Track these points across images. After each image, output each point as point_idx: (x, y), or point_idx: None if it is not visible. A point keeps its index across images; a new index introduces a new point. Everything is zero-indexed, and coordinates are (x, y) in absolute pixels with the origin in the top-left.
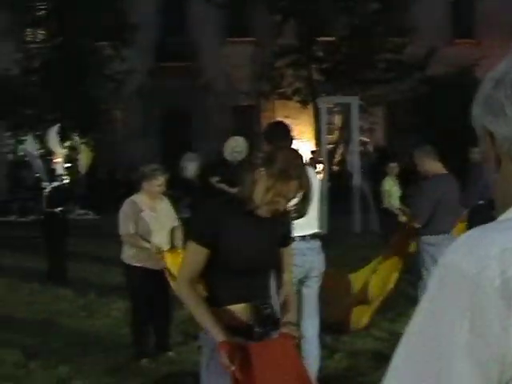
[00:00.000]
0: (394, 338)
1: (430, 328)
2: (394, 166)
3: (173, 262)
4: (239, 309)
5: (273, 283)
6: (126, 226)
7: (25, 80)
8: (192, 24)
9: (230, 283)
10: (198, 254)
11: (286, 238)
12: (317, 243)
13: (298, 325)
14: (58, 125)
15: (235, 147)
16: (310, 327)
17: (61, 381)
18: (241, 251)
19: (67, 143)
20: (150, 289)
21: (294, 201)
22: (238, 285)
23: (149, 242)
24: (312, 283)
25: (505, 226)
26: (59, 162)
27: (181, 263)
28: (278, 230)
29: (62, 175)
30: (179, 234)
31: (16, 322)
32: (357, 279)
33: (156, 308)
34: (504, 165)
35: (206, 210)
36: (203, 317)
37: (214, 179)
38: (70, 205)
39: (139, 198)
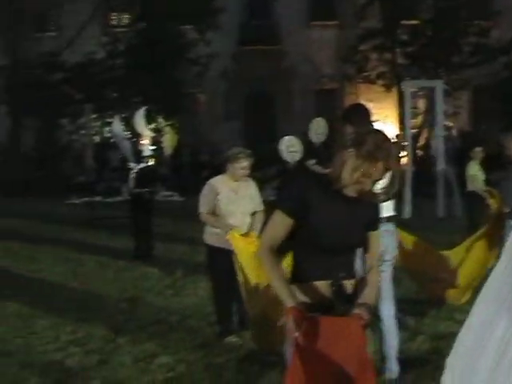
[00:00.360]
0: None
1: None
2: (479, 151)
3: (242, 247)
4: (322, 285)
5: (359, 262)
6: (203, 206)
7: (110, 63)
8: (276, 7)
9: (316, 260)
10: (281, 222)
11: (375, 221)
12: (392, 226)
13: (374, 307)
14: (145, 107)
15: (317, 129)
16: (386, 310)
17: (148, 356)
18: (328, 228)
19: (152, 126)
20: (230, 269)
21: (382, 183)
22: (324, 261)
23: (224, 223)
24: (385, 267)
25: None
26: (146, 144)
27: (263, 231)
28: (366, 211)
29: (148, 157)
30: (260, 219)
31: (104, 299)
32: (451, 257)
33: (234, 286)
34: None
35: (295, 184)
36: (277, 282)
37: (310, 162)
38: (157, 186)
39: (221, 180)
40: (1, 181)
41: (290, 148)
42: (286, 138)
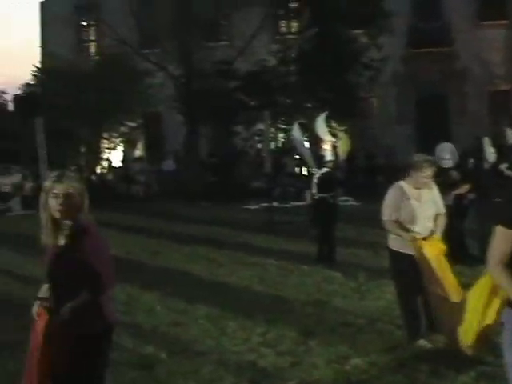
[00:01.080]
0: None
1: None
2: None
3: (425, 252)
4: None
5: None
6: (387, 212)
7: (283, 70)
8: (445, 9)
9: None
10: (506, 237)
11: None
12: None
13: None
14: (325, 113)
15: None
16: None
17: (340, 358)
18: None
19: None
20: (415, 273)
21: None
22: None
23: (407, 230)
24: None
25: None
26: (327, 149)
27: (490, 247)
28: None
29: (330, 161)
30: (441, 222)
31: (291, 302)
32: None
33: (420, 291)
34: None
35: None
36: None
37: (504, 166)
38: (338, 191)
39: (406, 185)
40: (180, 188)
41: (441, 154)
42: (442, 144)
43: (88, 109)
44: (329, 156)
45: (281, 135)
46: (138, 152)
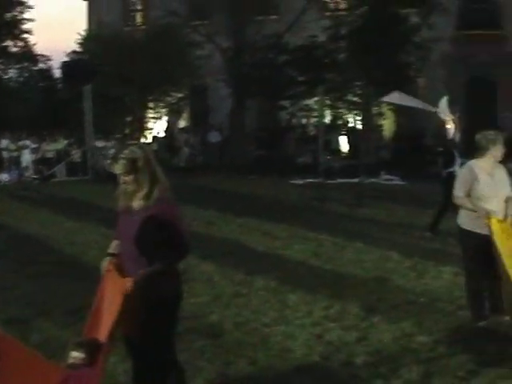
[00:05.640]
0: None
1: None
2: None
3: (499, 233)
4: None
5: None
6: (458, 189)
7: (333, 47)
8: None
9: None
10: None
11: None
12: None
13: None
14: (447, 97)
15: None
16: None
17: (406, 335)
18: None
19: (374, 109)
20: (485, 253)
21: None
22: None
23: (479, 207)
24: None
25: None
26: (450, 128)
27: None
28: None
29: (452, 140)
30: None
31: (350, 278)
32: None
33: (488, 272)
34: None
35: None
36: None
37: None
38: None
39: (478, 164)
40: (225, 160)
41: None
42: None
43: (135, 78)
44: (451, 134)
45: (328, 111)
46: (184, 123)
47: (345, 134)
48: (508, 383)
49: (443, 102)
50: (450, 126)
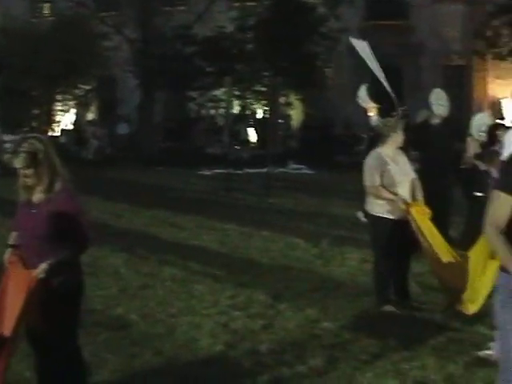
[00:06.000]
0: None
1: None
2: None
3: (417, 216)
4: None
5: None
6: (372, 178)
7: (241, 37)
8: None
9: None
10: (504, 203)
11: None
12: None
13: None
14: (367, 85)
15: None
16: None
17: (311, 322)
18: None
19: (281, 99)
20: (392, 239)
21: None
22: None
23: (395, 194)
24: None
25: None
26: (373, 116)
27: (488, 211)
28: None
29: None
30: (419, 186)
31: (257, 267)
32: None
33: (398, 258)
34: None
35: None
36: (508, 258)
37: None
38: None
39: (384, 151)
40: (134, 152)
41: (438, 101)
42: (436, 90)
43: (42, 70)
44: (373, 122)
45: (236, 102)
46: (92, 115)
47: (253, 125)
48: (411, 365)
49: (362, 91)
50: (373, 114)
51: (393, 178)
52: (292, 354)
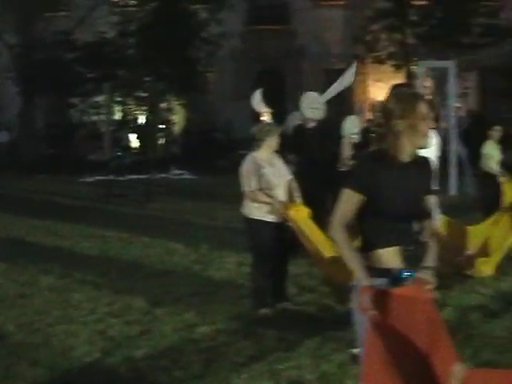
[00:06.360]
0: (499, 295)
1: None
2: (497, 130)
3: (297, 216)
4: (389, 252)
5: (423, 229)
6: (248, 182)
7: (122, 43)
8: None
9: (382, 229)
10: (351, 199)
11: (431, 185)
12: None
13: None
14: (260, 90)
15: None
16: None
17: (188, 326)
18: (393, 198)
19: (163, 105)
20: (270, 241)
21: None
22: (389, 230)
23: (271, 196)
24: None
25: None
26: (266, 119)
27: (336, 208)
28: (425, 177)
29: None
30: (296, 187)
31: (135, 273)
32: (475, 232)
33: (275, 260)
34: None
35: (361, 160)
36: (352, 259)
37: None
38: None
39: (259, 156)
40: (14, 160)
41: (311, 104)
42: (308, 93)
43: None
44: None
45: (118, 108)
46: None
47: (135, 131)
48: (286, 366)
49: (257, 96)
50: (266, 118)
51: (270, 180)
52: (169, 358)
